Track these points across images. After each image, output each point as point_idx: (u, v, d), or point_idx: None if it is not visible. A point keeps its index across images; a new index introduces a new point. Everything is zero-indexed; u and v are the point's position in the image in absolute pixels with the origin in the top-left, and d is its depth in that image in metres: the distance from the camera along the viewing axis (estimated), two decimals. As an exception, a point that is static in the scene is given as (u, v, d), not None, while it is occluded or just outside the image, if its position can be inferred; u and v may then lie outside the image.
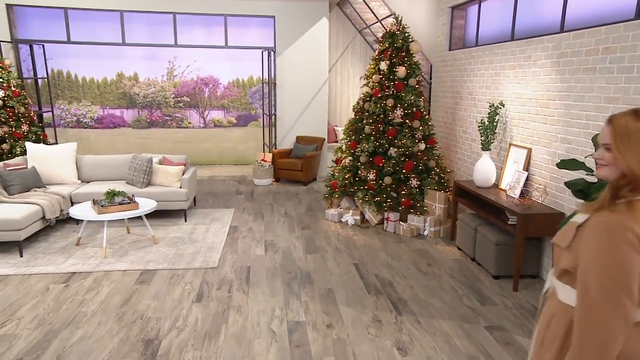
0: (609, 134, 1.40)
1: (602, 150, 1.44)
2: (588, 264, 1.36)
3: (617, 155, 1.37)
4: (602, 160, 1.43)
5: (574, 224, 1.49)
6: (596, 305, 1.33)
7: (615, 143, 1.38)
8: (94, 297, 3.83)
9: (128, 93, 9.92)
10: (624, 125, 1.36)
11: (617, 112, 1.29)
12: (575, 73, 3.88)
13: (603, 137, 1.43)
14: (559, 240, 1.53)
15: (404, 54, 5.84)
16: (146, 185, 5.82)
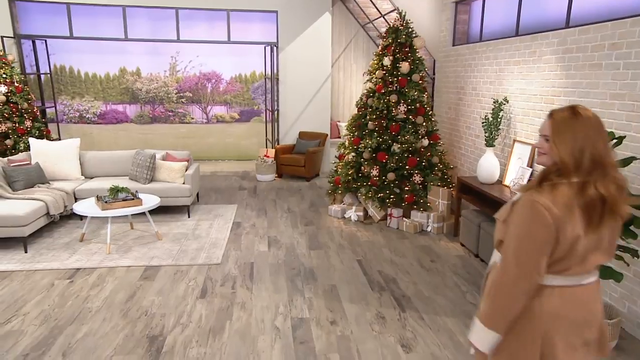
0: (548, 127, 1.59)
1: (542, 141, 1.63)
2: (510, 234, 1.61)
3: (552, 145, 1.57)
4: (542, 149, 1.63)
5: (510, 202, 1.71)
6: (510, 268, 1.59)
7: (552, 135, 1.57)
8: (98, 293, 3.85)
9: (130, 88, 9.91)
10: (560, 120, 1.57)
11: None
12: (581, 69, 3.86)
13: (543, 129, 1.62)
14: (499, 215, 1.73)
15: (407, 49, 5.81)
16: (149, 181, 5.83)
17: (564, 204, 1.52)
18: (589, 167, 1.53)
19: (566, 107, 1.61)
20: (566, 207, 1.52)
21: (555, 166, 1.57)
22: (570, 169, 1.54)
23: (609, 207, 1.53)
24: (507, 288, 1.60)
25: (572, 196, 1.53)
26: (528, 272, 1.57)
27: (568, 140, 1.54)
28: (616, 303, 3.46)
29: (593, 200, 1.52)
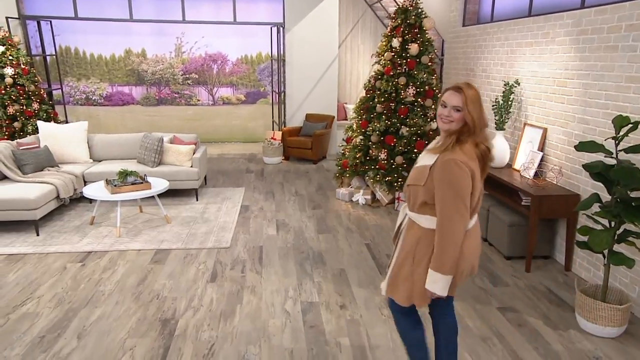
0: (460, 100, 1.97)
1: (452, 111, 1.99)
2: (443, 190, 1.96)
3: (466, 113, 1.96)
4: (451, 117, 2.00)
5: (426, 167, 2.03)
6: (451, 216, 1.95)
7: (466, 105, 1.96)
8: (110, 276, 3.90)
9: (136, 70, 9.85)
10: (471, 95, 1.97)
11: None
12: (596, 51, 3.78)
13: (453, 101, 1.98)
14: (416, 181, 2.07)
15: (416, 30, 5.71)
16: (157, 165, 5.84)
17: (472, 158, 1.99)
18: (482, 129, 2.01)
19: (465, 83, 2.02)
20: (473, 160, 1.98)
21: (467, 128, 1.98)
22: (477, 131, 1.99)
23: (488, 159, 2.05)
24: (456, 235, 1.97)
25: (473, 151, 2.00)
26: (466, 217, 1.98)
27: (478, 109, 1.98)
28: (626, 288, 3.46)
29: (483, 153, 2.02)
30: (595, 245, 2.95)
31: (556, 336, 3.11)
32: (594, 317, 3.09)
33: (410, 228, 2.14)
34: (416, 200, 2.07)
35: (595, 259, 3.79)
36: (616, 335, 3.10)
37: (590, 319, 3.12)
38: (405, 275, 2.17)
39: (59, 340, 3.00)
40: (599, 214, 3.01)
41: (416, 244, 2.11)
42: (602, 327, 3.08)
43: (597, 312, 3.08)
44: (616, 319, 3.05)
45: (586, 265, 3.91)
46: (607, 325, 3.06)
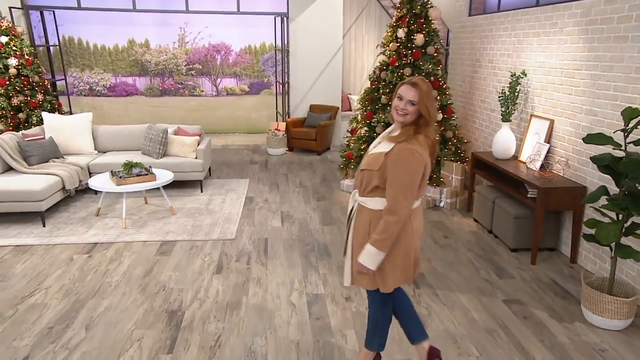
0: (416, 94, 2.09)
1: (407, 105, 2.11)
2: (397, 176, 2.09)
3: (422, 107, 2.09)
4: (406, 110, 2.12)
5: (381, 153, 2.14)
6: (399, 200, 2.10)
7: (422, 99, 2.09)
8: (116, 267, 3.92)
9: (140, 60, 9.82)
10: (426, 89, 2.10)
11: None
12: (605, 41, 3.73)
13: (409, 95, 2.10)
14: (370, 166, 2.17)
15: (422, 20, 5.65)
16: (162, 156, 5.84)
17: (425, 149, 2.14)
18: (434, 122, 2.17)
19: (420, 78, 2.14)
20: (425, 151, 2.14)
21: (423, 120, 2.13)
22: (431, 123, 2.14)
23: (435, 151, 2.24)
24: (400, 216, 2.11)
25: (425, 142, 2.15)
26: (411, 200, 2.13)
27: (433, 103, 2.13)
28: (633, 281, 3.45)
29: (433, 144, 2.20)
30: (602, 238, 2.94)
31: (562, 328, 3.11)
32: (600, 309, 3.09)
33: (360, 212, 2.26)
34: (368, 185, 2.20)
35: (602, 252, 3.78)
36: (622, 327, 3.10)
37: (596, 311, 3.12)
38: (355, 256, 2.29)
39: (67, 331, 3.03)
40: (606, 206, 2.99)
41: (368, 226, 2.23)
42: (608, 319, 3.08)
43: (603, 305, 3.07)
44: (623, 312, 3.05)
45: (592, 258, 3.90)
46: (614, 317, 3.06)
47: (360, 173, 2.26)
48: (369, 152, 2.26)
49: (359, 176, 2.26)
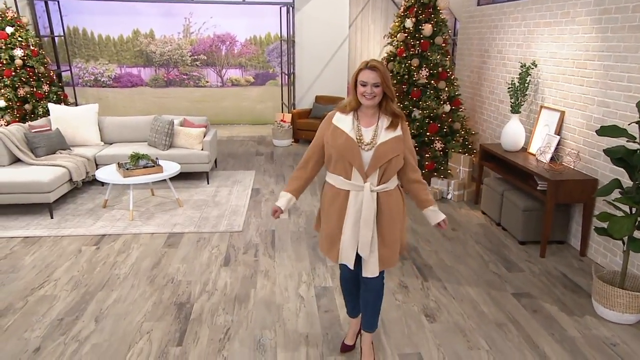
0: (377, 77, 2.21)
1: (372, 88, 2.22)
2: (411, 146, 2.40)
3: (385, 87, 2.23)
4: (373, 93, 2.23)
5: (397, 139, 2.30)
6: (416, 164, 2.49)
7: (383, 80, 2.22)
8: (125, 259, 3.92)
9: (145, 51, 9.78)
10: (384, 70, 2.23)
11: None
12: (619, 31, 3.66)
13: (372, 79, 2.21)
14: (394, 153, 2.29)
15: (430, 10, 5.58)
16: (168, 148, 5.82)
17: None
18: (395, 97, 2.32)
19: (375, 60, 2.25)
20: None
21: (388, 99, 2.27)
22: (394, 99, 2.29)
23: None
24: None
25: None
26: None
27: (390, 81, 2.26)
28: (643, 275, 3.42)
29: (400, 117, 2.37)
30: (615, 232, 2.90)
31: (572, 322, 3.09)
32: (611, 303, 3.07)
33: (386, 197, 2.35)
34: (392, 170, 2.32)
35: (612, 245, 3.74)
36: (634, 322, 3.07)
37: (607, 305, 3.09)
38: (395, 238, 2.42)
39: (77, 323, 3.03)
40: (620, 200, 2.95)
41: (396, 205, 2.39)
42: (619, 313, 3.05)
43: (614, 299, 3.05)
44: (635, 306, 3.02)
45: (602, 251, 3.87)
46: (625, 312, 3.04)
47: (382, 165, 2.27)
48: (380, 143, 2.27)
49: (376, 168, 2.27)
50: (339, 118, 2.33)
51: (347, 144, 2.26)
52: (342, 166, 2.31)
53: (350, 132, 2.28)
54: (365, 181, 2.29)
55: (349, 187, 2.32)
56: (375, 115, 2.31)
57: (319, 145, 2.39)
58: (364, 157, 2.27)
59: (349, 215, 2.34)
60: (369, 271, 2.41)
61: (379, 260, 2.39)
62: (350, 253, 2.38)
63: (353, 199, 2.33)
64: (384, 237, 2.38)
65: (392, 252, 2.42)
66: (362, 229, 2.33)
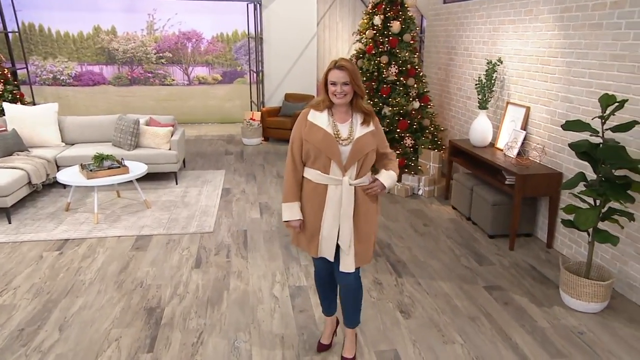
0: (346, 76, 2.23)
1: (343, 87, 2.25)
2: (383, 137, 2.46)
3: (354, 86, 2.26)
4: (344, 92, 2.26)
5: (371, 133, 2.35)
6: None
7: (352, 79, 2.24)
8: (90, 264, 3.77)
9: (106, 48, 9.47)
10: (353, 68, 2.25)
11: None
12: (580, 29, 3.77)
13: (341, 78, 2.23)
14: (369, 147, 2.34)
15: (398, 7, 5.61)
16: (134, 148, 5.64)
17: None
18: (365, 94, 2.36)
19: (343, 59, 2.28)
20: None
21: (358, 97, 2.30)
22: (364, 96, 2.33)
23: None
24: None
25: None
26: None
27: (360, 79, 2.28)
28: (607, 264, 3.54)
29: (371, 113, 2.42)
30: (581, 223, 2.98)
31: (541, 313, 3.17)
32: (578, 293, 3.16)
33: (362, 191, 2.38)
34: (369, 163, 2.36)
35: (577, 236, 3.86)
36: (599, 310, 3.17)
37: (574, 295, 3.18)
38: (369, 233, 2.43)
39: (40, 333, 2.89)
40: (585, 192, 3.04)
41: (371, 200, 2.42)
42: (586, 302, 3.15)
43: (581, 289, 3.14)
44: (599, 295, 3.12)
45: (568, 243, 3.99)
46: (591, 301, 3.13)
47: (360, 159, 2.32)
48: (356, 138, 2.31)
49: (353, 162, 2.31)
50: (314, 115, 2.35)
51: (325, 139, 2.29)
52: (321, 161, 2.32)
53: (327, 127, 2.31)
54: (344, 175, 2.32)
55: (328, 181, 2.34)
56: (348, 112, 2.36)
57: (299, 143, 2.37)
58: (342, 152, 2.30)
59: (328, 208, 2.35)
60: (346, 266, 2.40)
61: (355, 255, 2.40)
62: (331, 246, 2.39)
63: (332, 192, 2.34)
64: (359, 232, 2.39)
65: (365, 248, 2.43)
66: (343, 222, 2.35)
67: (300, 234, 2.47)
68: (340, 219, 2.36)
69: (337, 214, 2.35)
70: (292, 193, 2.40)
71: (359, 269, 2.51)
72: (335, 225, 2.37)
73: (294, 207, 2.40)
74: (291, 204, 2.41)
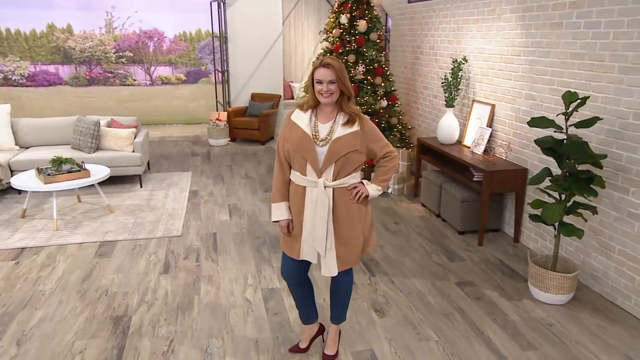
0: (333, 74, 2.16)
1: (329, 85, 2.17)
2: (378, 133, 2.34)
3: (341, 85, 2.18)
4: (330, 90, 2.18)
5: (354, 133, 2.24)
6: (389, 143, 2.41)
7: (338, 78, 2.17)
8: (50, 274, 3.58)
9: (62, 47, 9.08)
10: (340, 67, 2.18)
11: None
12: (541, 28, 3.88)
13: (327, 76, 2.16)
14: (350, 148, 2.23)
15: (364, 6, 5.62)
16: (95, 150, 5.42)
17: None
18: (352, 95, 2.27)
19: (329, 57, 2.21)
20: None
21: (345, 97, 2.23)
22: (352, 97, 2.24)
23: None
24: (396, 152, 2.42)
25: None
26: None
27: (347, 79, 2.21)
28: (572, 256, 3.65)
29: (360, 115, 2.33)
30: (548, 217, 3.06)
31: (512, 307, 3.23)
32: (545, 286, 3.24)
33: (342, 194, 2.29)
34: (350, 166, 2.26)
35: (543, 230, 3.96)
36: (565, 302, 3.26)
37: (542, 288, 3.26)
38: (354, 236, 2.35)
39: (-4, 349, 2.71)
40: (551, 187, 3.12)
41: (354, 202, 2.33)
42: (553, 295, 3.23)
43: (548, 281, 3.22)
44: (566, 287, 3.21)
45: (534, 237, 4.09)
46: (558, 293, 3.21)
47: (338, 160, 2.23)
48: (334, 138, 2.23)
49: (332, 163, 2.23)
50: (297, 115, 2.31)
51: (302, 139, 2.24)
52: (298, 162, 2.28)
53: (306, 127, 2.26)
54: (319, 177, 2.25)
55: (305, 182, 2.29)
56: (334, 112, 2.28)
57: (283, 143, 2.34)
58: (318, 153, 2.24)
59: (306, 210, 2.31)
60: (327, 270, 2.36)
61: (337, 259, 2.34)
62: (311, 249, 2.35)
63: (309, 194, 2.30)
64: (339, 235, 2.33)
65: (350, 251, 2.37)
66: (317, 225, 2.30)
67: (286, 235, 2.43)
68: (315, 221, 2.31)
69: (315, 217, 2.31)
70: (280, 193, 2.38)
71: (351, 268, 2.49)
72: (313, 228, 2.32)
73: (281, 206, 2.38)
74: (279, 204, 2.38)
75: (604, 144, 3.29)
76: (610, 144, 3.25)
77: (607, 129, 3.26)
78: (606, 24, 3.26)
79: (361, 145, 2.26)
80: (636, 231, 3.09)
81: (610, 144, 3.25)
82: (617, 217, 3.23)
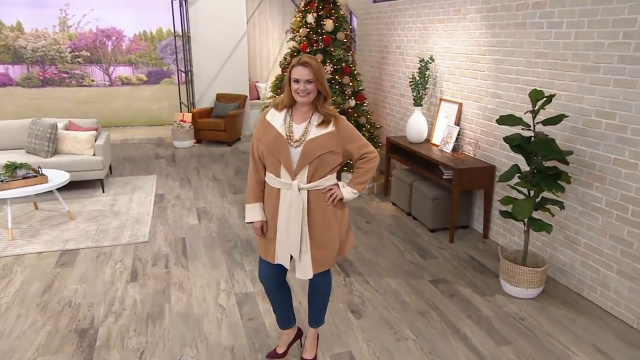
0: (310, 73, 2.11)
1: (306, 85, 2.12)
2: (356, 133, 2.28)
3: (318, 84, 2.14)
4: (307, 90, 2.13)
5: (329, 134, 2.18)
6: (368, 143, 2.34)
7: (316, 77, 2.12)
8: (6, 286, 3.36)
9: (12, 46, 8.62)
10: (318, 66, 2.13)
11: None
12: (506, 28, 3.96)
13: (305, 75, 2.11)
14: (325, 149, 2.17)
15: (330, 5, 5.60)
16: (52, 155, 5.15)
17: None
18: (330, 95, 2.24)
19: (307, 56, 2.16)
20: None
21: (322, 97, 2.18)
22: (329, 97, 2.21)
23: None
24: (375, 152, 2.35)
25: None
26: None
27: (324, 78, 2.16)
28: (539, 251, 3.75)
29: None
30: (518, 213, 3.12)
31: (485, 302, 3.28)
32: (516, 280, 3.30)
33: (317, 196, 2.24)
34: (325, 168, 2.20)
35: (511, 226, 4.05)
36: (535, 295, 3.34)
37: (513, 282, 3.32)
38: (330, 238, 2.31)
39: (-52, 371, 2.51)
40: (520, 184, 3.18)
41: (330, 204, 2.29)
42: (524, 289, 3.30)
43: (519, 276, 3.29)
44: (536, 281, 3.28)
45: (502, 232, 4.18)
46: (529, 287, 3.29)
47: (312, 162, 2.17)
48: (308, 140, 2.16)
49: (305, 165, 2.17)
50: (272, 115, 2.25)
51: (275, 140, 2.18)
52: (272, 163, 2.22)
53: (281, 128, 2.20)
54: (293, 179, 2.20)
55: (279, 185, 2.24)
56: (309, 112, 2.23)
57: (257, 144, 2.28)
58: (292, 154, 2.18)
59: (281, 213, 2.26)
60: (302, 272, 2.31)
61: (312, 261, 2.30)
62: (286, 253, 2.29)
63: (283, 197, 2.24)
64: (315, 238, 2.29)
65: (326, 254, 2.33)
66: (291, 228, 2.24)
67: (261, 238, 2.37)
68: (290, 224, 2.26)
69: (289, 219, 2.26)
70: (253, 194, 2.33)
71: (329, 270, 2.46)
72: (288, 231, 2.27)
73: (255, 207, 2.33)
74: (253, 204, 2.34)
75: (569, 141, 3.39)
76: (575, 141, 3.35)
77: (571, 126, 3.36)
78: (568, 24, 3.36)
79: (336, 146, 2.20)
80: (600, 225, 3.20)
81: (575, 140, 3.35)
82: (583, 211, 3.33)
